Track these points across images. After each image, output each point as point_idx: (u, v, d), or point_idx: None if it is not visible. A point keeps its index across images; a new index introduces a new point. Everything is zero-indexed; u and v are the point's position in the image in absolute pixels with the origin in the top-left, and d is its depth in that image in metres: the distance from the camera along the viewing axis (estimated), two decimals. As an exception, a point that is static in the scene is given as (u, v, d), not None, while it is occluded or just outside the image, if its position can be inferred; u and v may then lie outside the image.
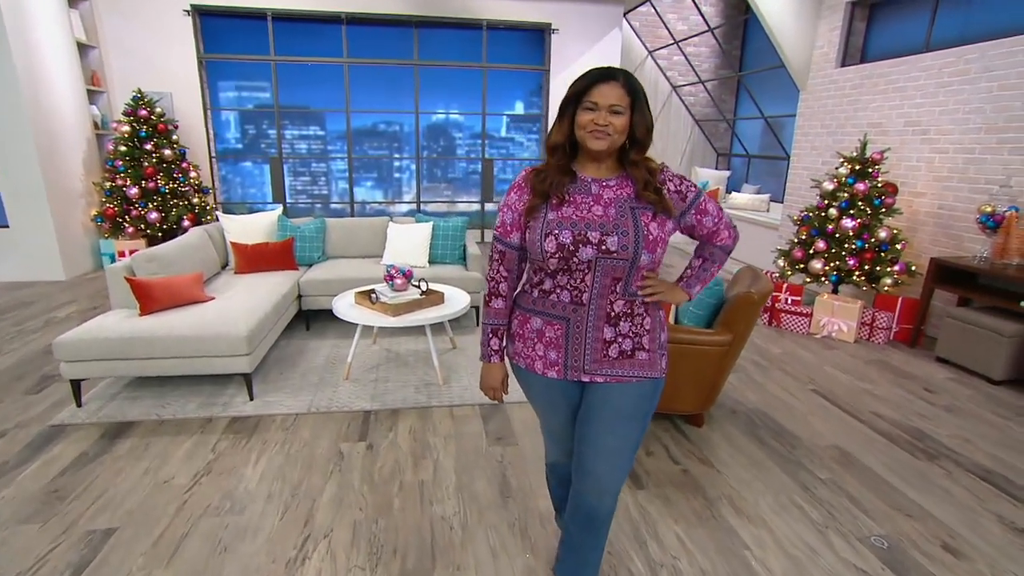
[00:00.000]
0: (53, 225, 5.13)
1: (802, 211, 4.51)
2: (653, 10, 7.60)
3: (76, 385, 2.77)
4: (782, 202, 6.10)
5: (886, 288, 4.03)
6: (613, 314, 1.35)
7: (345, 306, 3.27)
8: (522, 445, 2.56)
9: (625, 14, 7.37)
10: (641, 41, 8.04)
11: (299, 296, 3.93)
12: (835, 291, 4.40)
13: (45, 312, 4.31)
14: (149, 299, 2.96)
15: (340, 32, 6.54)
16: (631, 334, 1.37)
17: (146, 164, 5.51)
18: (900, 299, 4.05)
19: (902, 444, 2.64)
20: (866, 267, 4.09)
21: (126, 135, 5.48)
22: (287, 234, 4.20)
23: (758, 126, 7.47)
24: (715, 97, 8.00)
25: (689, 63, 7.91)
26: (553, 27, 6.85)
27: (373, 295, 3.30)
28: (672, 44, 7.84)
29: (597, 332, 1.35)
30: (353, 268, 4.14)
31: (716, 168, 8.48)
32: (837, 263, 4.18)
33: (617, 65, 6.99)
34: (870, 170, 4.06)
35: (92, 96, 5.87)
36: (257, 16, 6.30)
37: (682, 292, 1.48)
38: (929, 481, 2.35)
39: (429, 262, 4.40)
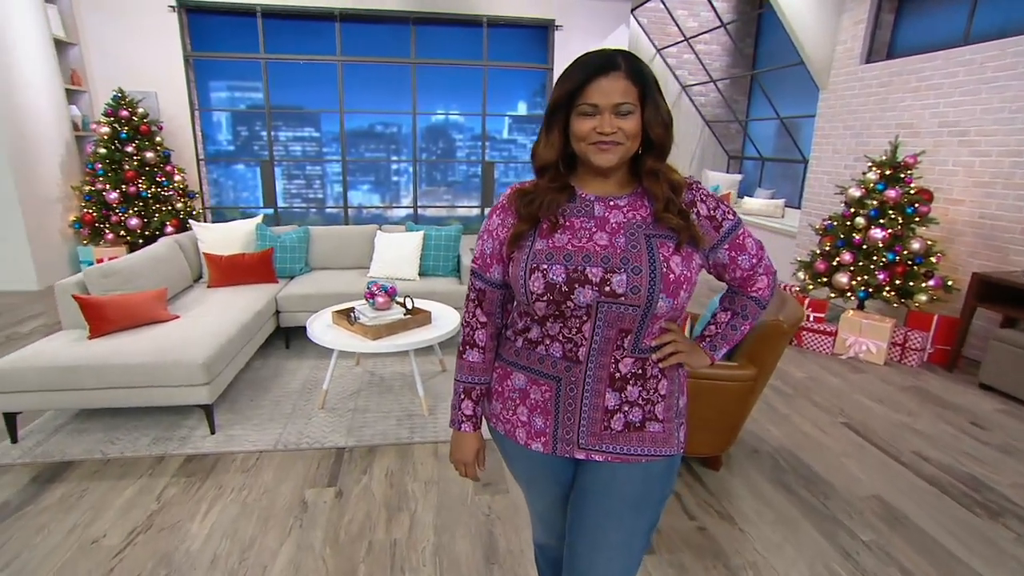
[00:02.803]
0: (26, 231, 4.85)
1: (825, 219, 4.15)
2: (662, 5, 7.25)
3: (11, 419, 2.46)
4: (798, 207, 5.73)
5: (919, 305, 3.67)
6: (618, 375, 1.01)
7: (321, 327, 2.95)
8: (513, 494, 2.22)
9: (633, 10, 7.03)
10: (649, 39, 7.69)
11: (277, 312, 3.61)
12: (862, 307, 4.04)
13: (8, 326, 4.01)
14: (101, 320, 2.65)
15: (334, 29, 6.24)
16: (641, 401, 1.04)
17: (127, 167, 5.22)
18: (936, 317, 3.68)
19: (955, 495, 2.28)
20: (897, 282, 3.72)
21: (106, 137, 5.20)
22: (266, 244, 3.88)
23: (773, 127, 7.10)
24: (727, 97, 7.64)
25: (700, 61, 7.55)
26: (557, 23, 6.52)
27: (352, 314, 2.98)
28: (682, 41, 7.49)
29: (596, 398, 1.02)
30: (337, 281, 3.82)
31: (727, 171, 8.10)
32: (865, 277, 3.81)
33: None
34: (902, 175, 3.70)
35: (73, 96, 5.60)
36: (246, 13, 6.01)
37: (704, 356, 1.14)
38: (996, 547, 1.98)
39: (420, 274, 4.08)
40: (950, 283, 3.65)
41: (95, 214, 5.22)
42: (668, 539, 1.99)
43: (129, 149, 5.23)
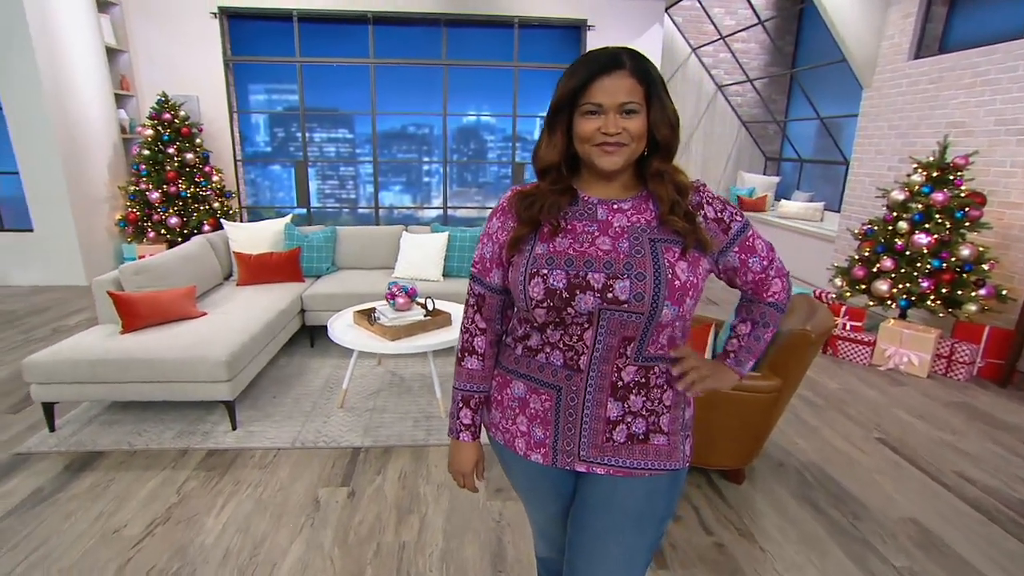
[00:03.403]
0: (76, 229, 5.10)
1: (865, 224, 3.95)
2: (698, 3, 7.08)
3: (49, 408, 2.57)
4: (838, 211, 5.48)
5: (969, 316, 3.44)
6: (621, 385, 0.97)
7: (342, 327, 2.98)
8: (525, 501, 2.18)
9: (667, 9, 6.89)
10: (684, 38, 7.51)
11: (303, 311, 3.68)
12: (903, 316, 3.82)
13: (56, 319, 4.22)
14: (132, 315, 2.74)
15: (367, 32, 6.34)
16: (645, 412, 0.99)
17: (168, 168, 5.43)
18: (987, 329, 3.45)
19: (1003, 522, 2.12)
20: (944, 290, 3.50)
21: (149, 139, 5.42)
22: (294, 244, 3.96)
23: (812, 128, 6.83)
24: (765, 97, 7.39)
25: (736, 60, 7.33)
26: (589, 24, 6.45)
27: (373, 315, 3.00)
28: (718, 40, 7.29)
29: (598, 408, 0.98)
30: (362, 281, 3.87)
31: (764, 173, 7.84)
32: (907, 285, 3.61)
33: (657, 60, 6.57)
34: (951, 177, 3.49)
35: (122, 100, 5.86)
36: (283, 17, 6.16)
37: (732, 373, 1.09)
38: (1042, 581, 1.84)
39: (444, 275, 4.09)
40: (1004, 292, 3.41)
41: (139, 213, 5.45)
42: (683, 554, 1.91)
43: (171, 150, 5.43)
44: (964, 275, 3.47)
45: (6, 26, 4.56)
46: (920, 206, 3.57)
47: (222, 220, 4.03)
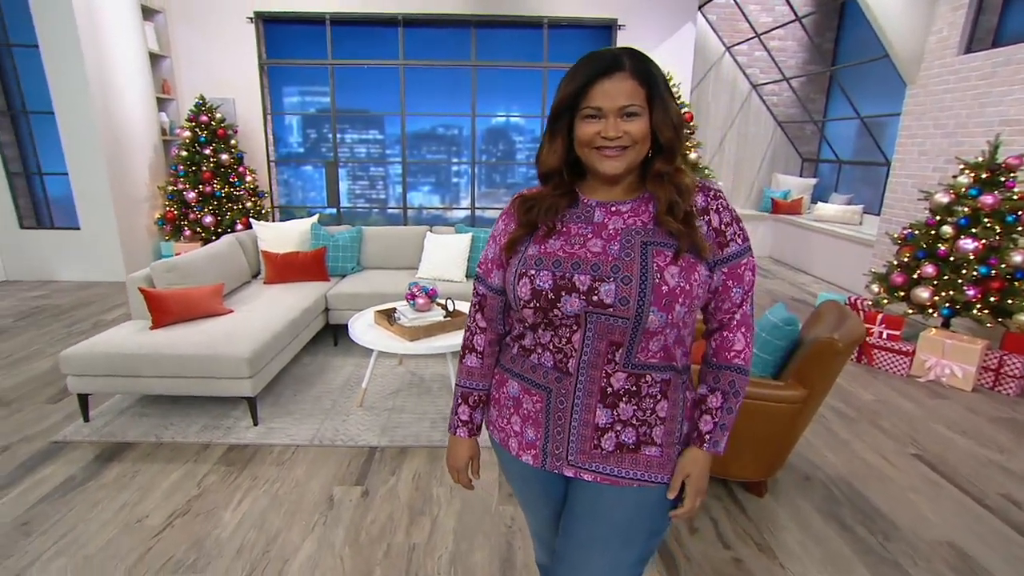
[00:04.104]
0: (118, 228, 5.32)
1: (905, 228, 3.77)
2: (732, 1, 6.90)
3: (83, 399, 2.68)
4: (878, 214, 5.25)
5: (1021, 326, 3.24)
6: (610, 391, 0.95)
7: (362, 326, 3.01)
8: (538, 506, 2.15)
9: (701, 7, 6.74)
10: (718, 36, 7.34)
11: (327, 309, 3.73)
12: (946, 326, 3.63)
13: (97, 314, 4.41)
14: (162, 312, 2.83)
15: (397, 34, 6.41)
16: (636, 422, 0.96)
17: (204, 168, 5.61)
18: (1038, 341, 3.24)
19: (1047, 550, 1.98)
20: (992, 299, 3.31)
21: (187, 140, 5.61)
22: (320, 243, 4.03)
23: (852, 128, 6.58)
24: (802, 96, 7.16)
25: (772, 59, 7.12)
26: (619, 23, 6.36)
27: (393, 315, 3.02)
28: (753, 38, 7.10)
29: (586, 413, 0.96)
30: (386, 281, 3.90)
31: (801, 175, 7.60)
32: (951, 292, 3.42)
33: (689, 60, 6.43)
34: (1002, 179, 3.29)
35: (163, 103, 6.08)
36: (316, 21, 6.29)
37: (710, 459, 1.01)
38: (1092, 615, 1.70)
39: (467, 275, 4.09)
40: (1058, 302, 3.20)
41: (176, 212, 5.65)
42: (698, 568, 1.85)
43: (207, 151, 5.61)
44: (1015, 283, 3.27)
45: (59, 36, 4.79)
46: (966, 209, 3.38)
47: (252, 219, 4.12)
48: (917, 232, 3.64)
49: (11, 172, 5.34)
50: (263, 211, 6.08)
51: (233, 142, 5.83)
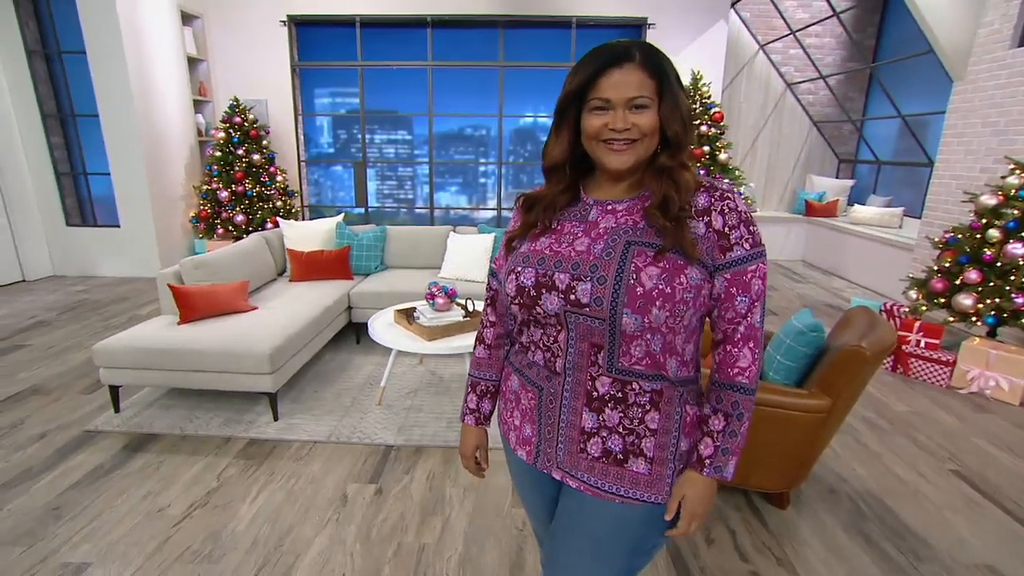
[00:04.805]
0: (155, 226, 5.51)
1: (947, 231, 3.59)
2: (767, -3, 6.72)
3: (114, 391, 2.77)
4: (919, 217, 5.02)
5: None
6: (596, 395, 0.92)
7: (382, 325, 3.04)
8: (550, 511, 2.12)
9: (733, 4, 6.58)
10: (752, 34, 7.15)
11: (350, 308, 3.78)
12: (992, 335, 3.44)
13: (132, 308, 4.57)
14: (189, 308, 2.91)
15: (426, 35, 6.47)
16: (622, 430, 0.93)
17: (237, 168, 5.77)
18: (1091, 353, 3.04)
19: (1095, 578, 1.85)
20: (1040, 308, 3.12)
21: (222, 141, 5.77)
22: (345, 242, 4.08)
23: (893, 127, 6.32)
24: (839, 95, 6.92)
25: (808, 56, 6.90)
26: (649, 22, 6.26)
27: (413, 314, 3.03)
28: (788, 35, 6.89)
29: (573, 416, 0.94)
30: (409, 281, 3.92)
31: (837, 176, 7.34)
32: (997, 300, 3.24)
33: (721, 58, 6.28)
34: (1052, 181, 3.10)
35: (199, 105, 6.28)
36: (347, 23, 6.40)
37: (712, 484, 0.94)
38: None
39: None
40: (1114, 312, 3.00)
41: (210, 211, 5.82)
42: (714, 582, 1.79)
43: (240, 152, 5.76)
44: (1066, 291, 3.08)
45: (104, 42, 5.00)
46: (1016, 212, 3.20)
47: (279, 218, 4.21)
48: (960, 236, 3.46)
49: (60, 172, 5.60)
50: (293, 210, 6.21)
51: (265, 143, 5.98)
